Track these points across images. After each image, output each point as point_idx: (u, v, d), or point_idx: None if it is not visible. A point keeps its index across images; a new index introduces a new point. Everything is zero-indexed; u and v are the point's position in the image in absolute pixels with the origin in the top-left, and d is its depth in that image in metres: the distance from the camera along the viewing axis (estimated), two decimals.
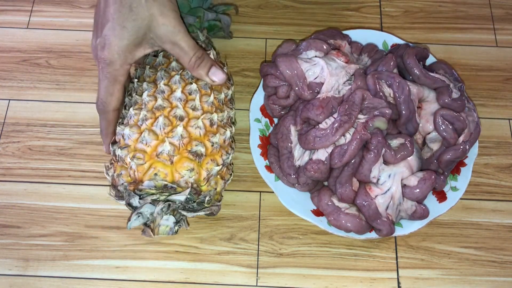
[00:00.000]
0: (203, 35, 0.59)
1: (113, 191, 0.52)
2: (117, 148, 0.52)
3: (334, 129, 0.53)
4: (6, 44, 0.71)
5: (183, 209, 0.51)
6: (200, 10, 0.59)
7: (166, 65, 0.56)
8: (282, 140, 0.57)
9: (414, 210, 0.54)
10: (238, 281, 0.57)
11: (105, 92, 0.52)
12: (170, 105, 0.53)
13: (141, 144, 0.50)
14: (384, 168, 0.53)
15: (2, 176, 0.62)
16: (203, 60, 0.53)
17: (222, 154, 0.53)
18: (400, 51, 0.59)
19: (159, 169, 0.49)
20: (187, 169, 0.50)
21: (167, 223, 0.50)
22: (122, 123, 0.53)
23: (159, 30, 0.50)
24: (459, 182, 0.58)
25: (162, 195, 0.50)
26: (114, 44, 0.50)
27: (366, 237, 0.55)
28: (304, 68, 0.57)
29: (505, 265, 0.58)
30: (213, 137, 0.52)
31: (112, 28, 0.49)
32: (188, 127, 0.51)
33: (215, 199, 0.53)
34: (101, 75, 0.52)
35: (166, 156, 0.50)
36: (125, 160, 0.51)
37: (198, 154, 0.51)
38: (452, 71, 0.60)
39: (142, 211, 0.49)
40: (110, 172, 0.53)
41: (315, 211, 0.57)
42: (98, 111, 0.54)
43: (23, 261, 0.58)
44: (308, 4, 0.75)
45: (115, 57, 0.50)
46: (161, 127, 0.51)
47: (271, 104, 0.60)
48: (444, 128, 0.55)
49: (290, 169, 0.56)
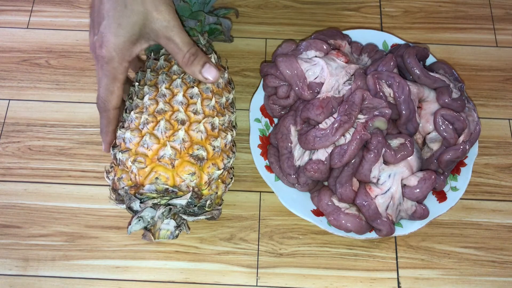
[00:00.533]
0: (204, 39, 0.59)
1: (114, 195, 0.52)
2: (118, 151, 0.51)
3: (334, 129, 0.53)
4: (6, 44, 0.71)
5: (184, 213, 0.51)
6: (201, 14, 0.59)
7: (168, 68, 0.56)
8: (282, 140, 0.57)
9: (414, 210, 0.54)
10: (238, 281, 0.57)
11: (105, 90, 0.52)
12: (172, 109, 0.52)
13: (142, 147, 0.50)
14: (384, 168, 0.53)
15: (2, 176, 0.62)
16: (196, 56, 0.52)
17: (223, 158, 0.53)
18: (401, 50, 0.59)
19: (160, 173, 0.49)
20: (189, 173, 0.50)
21: (167, 227, 0.50)
22: (123, 127, 0.53)
23: (154, 24, 0.50)
24: (459, 182, 0.58)
25: (163, 199, 0.50)
26: (111, 42, 0.49)
27: (366, 237, 0.55)
28: (304, 68, 0.57)
29: (505, 265, 0.58)
30: (214, 141, 0.52)
31: (108, 26, 0.49)
32: (189, 131, 0.51)
33: (216, 203, 0.53)
34: (100, 73, 0.51)
35: (168, 160, 0.49)
36: (126, 164, 0.50)
37: (200, 158, 0.50)
38: (452, 71, 0.60)
39: (143, 215, 0.49)
40: (110, 176, 0.53)
41: (315, 211, 0.57)
42: (99, 109, 0.54)
43: (23, 261, 0.58)
44: (308, 4, 0.75)
45: (113, 55, 0.50)
46: (162, 131, 0.50)
47: (271, 104, 0.60)
48: (444, 128, 0.55)
49: (290, 169, 0.56)
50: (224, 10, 0.65)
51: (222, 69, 0.58)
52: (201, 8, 0.60)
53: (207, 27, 0.61)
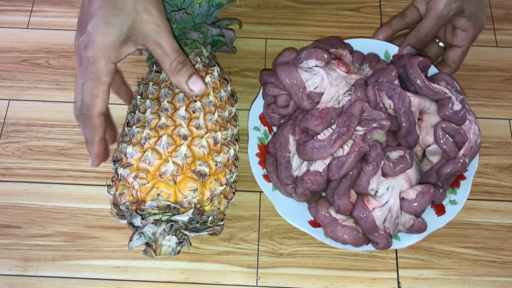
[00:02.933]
0: (207, 50, 0.58)
1: (115, 210, 0.51)
2: (120, 166, 0.51)
3: (332, 140, 0.52)
4: (6, 44, 0.71)
5: (186, 229, 0.50)
6: (204, 26, 0.58)
7: (170, 82, 0.55)
8: (280, 149, 0.57)
9: (412, 223, 0.54)
10: (238, 281, 0.57)
11: (89, 94, 0.48)
12: (174, 124, 0.52)
13: (144, 163, 0.50)
14: (383, 181, 0.53)
15: (2, 176, 0.62)
16: (184, 65, 0.50)
17: (225, 173, 0.52)
18: (403, 60, 0.58)
19: (162, 189, 0.49)
20: (191, 189, 0.49)
21: (169, 243, 0.49)
22: (124, 141, 0.53)
23: (143, 27, 0.48)
24: (458, 195, 0.57)
25: (164, 215, 0.49)
26: (98, 41, 0.47)
27: (363, 249, 0.54)
28: (304, 78, 0.56)
29: (505, 265, 0.58)
30: (217, 156, 0.51)
31: (96, 25, 0.47)
32: (192, 146, 0.51)
33: (218, 218, 0.52)
34: (83, 76, 0.48)
35: (170, 176, 0.49)
36: (128, 179, 0.50)
37: (202, 174, 0.50)
38: (454, 82, 0.59)
39: (144, 231, 0.49)
40: (112, 191, 0.52)
41: (312, 222, 0.56)
42: (81, 118, 0.49)
43: (23, 261, 0.58)
44: (308, 4, 0.75)
45: (99, 56, 0.47)
46: (164, 146, 0.50)
47: (271, 112, 0.60)
48: (445, 141, 0.54)
49: (287, 179, 0.56)
50: (227, 21, 0.63)
51: (225, 82, 0.58)
52: (204, 19, 0.60)
53: (210, 39, 0.61)
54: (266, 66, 0.70)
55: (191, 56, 0.57)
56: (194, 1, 0.56)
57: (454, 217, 0.56)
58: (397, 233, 0.55)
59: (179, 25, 0.57)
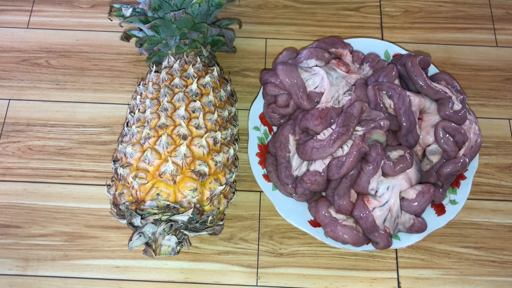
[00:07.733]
0: (206, 50, 0.58)
1: (115, 210, 0.51)
2: (119, 166, 0.51)
3: (332, 140, 0.52)
4: (6, 44, 0.71)
5: (186, 228, 0.50)
6: (203, 26, 0.58)
7: (169, 81, 0.55)
8: (280, 149, 0.57)
9: (412, 223, 0.54)
10: (238, 281, 0.57)
11: None
12: (174, 123, 0.52)
13: (143, 163, 0.50)
14: (383, 180, 0.53)
15: (2, 176, 0.62)
16: None
17: (225, 173, 0.52)
18: (404, 59, 0.58)
19: (162, 189, 0.49)
20: (190, 189, 0.49)
21: (169, 243, 0.49)
22: (124, 141, 0.53)
23: None
24: (458, 195, 0.57)
25: (164, 215, 0.49)
26: None
27: (363, 249, 0.54)
28: (304, 78, 0.56)
29: (505, 265, 0.58)
30: (216, 156, 0.51)
31: None
32: (191, 146, 0.51)
33: (218, 218, 0.52)
34: None
35: (169, 175, 0.49)
36: (127, 179, 0.50)
37: (202, 173, 0.50)
38: (454, 82, 0.59)
39: (144, 230, 0.49)
40: (111, 190, 0.52)
41: (313, 221, 0.56)
42: None
43: (23, 261, 0.58)
44: (308, 4, 0.75)
45: None
46: (164, 146, 0.50)
47: (271, 112, 0.60)
48: (445, 141, 0.54)
49: (287, 179, 0.56)
50: (227, 21, 0.64)
51: (225, 82, 0.58)
52: (204, 19, 0.60)
53: (210, 39, 0.60)
54: (266, 66, 0.70)
55: (191, 56, 0.57)
56: (194, 1, 0.56)
57: (454, 217, 0.56)
58: (397, 233, 0.55)
59: (179, 25, 0.57)
